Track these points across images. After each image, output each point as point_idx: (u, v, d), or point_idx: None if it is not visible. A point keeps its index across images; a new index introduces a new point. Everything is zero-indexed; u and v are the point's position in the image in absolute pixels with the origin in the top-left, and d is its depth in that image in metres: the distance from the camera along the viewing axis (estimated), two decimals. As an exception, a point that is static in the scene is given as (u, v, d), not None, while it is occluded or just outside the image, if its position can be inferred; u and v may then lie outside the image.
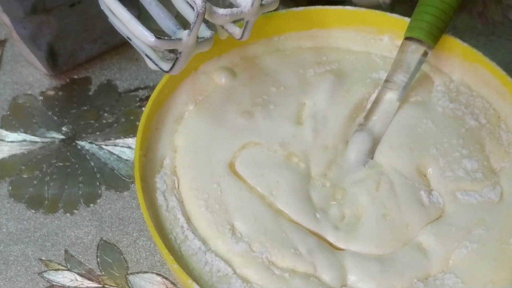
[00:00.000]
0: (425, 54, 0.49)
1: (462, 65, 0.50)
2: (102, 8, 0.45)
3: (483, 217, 0.43)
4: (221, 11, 0.42)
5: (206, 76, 0.50)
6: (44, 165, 0.54)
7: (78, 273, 0.48)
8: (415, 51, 0.48)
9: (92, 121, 0.57)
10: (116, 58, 0.61)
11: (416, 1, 0.50)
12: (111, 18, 0.44)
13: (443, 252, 0.42)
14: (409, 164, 0.45)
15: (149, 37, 0.40)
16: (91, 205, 0.52)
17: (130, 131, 0.56)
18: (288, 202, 0.43)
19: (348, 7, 0.52)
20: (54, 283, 0.48)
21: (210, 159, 0.45)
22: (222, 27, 0.46)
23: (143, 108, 0.47)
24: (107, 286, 0.48)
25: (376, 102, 0.48)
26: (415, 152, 0.46)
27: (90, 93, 0.59)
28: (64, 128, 0.56)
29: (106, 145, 0.55)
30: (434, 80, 0.50)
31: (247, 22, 0.45)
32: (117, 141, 0.56)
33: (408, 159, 0.46)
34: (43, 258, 0.49)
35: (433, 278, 0.41)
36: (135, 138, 0.45)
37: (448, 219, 0.43)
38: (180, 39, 0.41)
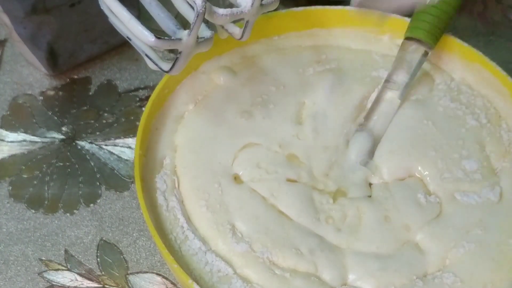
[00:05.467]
0: (425, 54, 0.49)
1: (462, 65, 0.50)
2: (102, 8, 0.45)
3: (481, 217, 0.43)
4: (221, 11, 0.42)
5: (206, 76, 0.50)
6: (44, 165, 0.54)
7: (78, 273, 0.48)
8: (416, 51, 0.49)
9: (92, 121, 0.57)
10: (116, 58, 0.61)
11: (416, 1, 0.50)
12: (111, 18, 0.44)
13: (439, 252, 0.42)
14: (408, 167, 0.45)
15: (149, 37, 0.40)
16: (91, 205, 0.52)
17: (130, 131, 0.56)
18: (289, 203, 0.43)
19: (348, 7, 0.52)
20: (54, 283, 0.48)
21: (210, 159, 0.45)
22: (222, 27, 0.46)
23: (143, 108, 0.47)
24: (107, 286, 0.48)
25: (376, 101, 0.48)
26: (414, 156, 0.46)
27: (90, 93, 0.59)
28: (64, 128, 0.56)
29: (106, 145, 0.55)
30: (434, 79, 0.50)
31: (247, 22, 0.44)
32: (117, 141, 0.56)
33: (407, 163, 0.46)
34: (43, 258, 0.49)
35: (432, 276, 0.41)
36: (135, 138, 0.45)
37: (446, 220, 0.43)
38: (180, 39, 0.41)
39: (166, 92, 0.48)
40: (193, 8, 0.41)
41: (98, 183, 0.53)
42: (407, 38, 0.49)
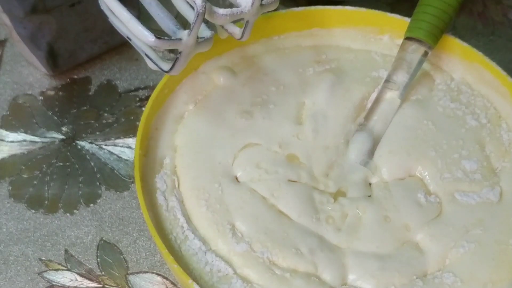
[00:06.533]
0: (425, 54, 0.49)
1: (462, 64, 0.50)
2: (102, 8, 0.45)
3: (481, 217, 0.43)
4: (221, 11, 0.42)
5: (206, 76, 0.50)
6: (44, 165, 0.54)
7: (78, 273, 0.48)
8: (415, 51, 0.49)
9: (92, 121, 0.57)
10: (116, 58, 0.61)
11: (416, 1, 0.50)
12: (111, 18, 0.44)
13: (438, 251, 0.42)
14: (407, 168, 0.45)
15: (149, 37, 0.40)
16: (91, 205, 0.52)
17: (130, 131, 0.56)
18: (290, 204, 0.43)
19: (348, 7, 0.52)
20: (54, 283, 0.48)
21: (210, 159, 0.45)
22: (222, 27, 0.46)
23: (143, 108, 0.47)
24: (107, 286, 0.48)
25: (376, 102, 0.48)
26: (413, 156, 0.46)
27: (90, 93, 0.59)
28: (64, 128, 0.56)
29: (106, 145, 0.55)
30: (434, 78, 0.50)
31: (247, 22, 0.45)
32: (117, 141, 0.56)
33: (407, 163, 0.46)
34: (43, 258, 0.49)
35: (432, 276, 0.41)
36: (135, 138, 0.45)
37: (445, 219, 0.43)
38: (180, 39, 0.41)
39: (166, 92, 0.48)
40: (193, 8, 0.41)
41: (98, 183, 0.53)
42: (407, 38, 0.49)
